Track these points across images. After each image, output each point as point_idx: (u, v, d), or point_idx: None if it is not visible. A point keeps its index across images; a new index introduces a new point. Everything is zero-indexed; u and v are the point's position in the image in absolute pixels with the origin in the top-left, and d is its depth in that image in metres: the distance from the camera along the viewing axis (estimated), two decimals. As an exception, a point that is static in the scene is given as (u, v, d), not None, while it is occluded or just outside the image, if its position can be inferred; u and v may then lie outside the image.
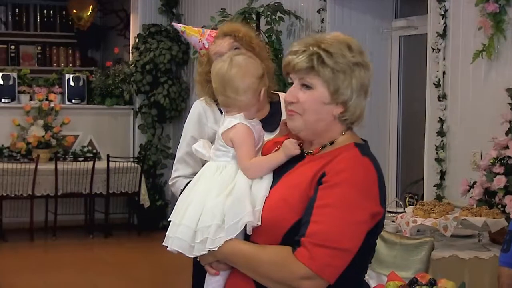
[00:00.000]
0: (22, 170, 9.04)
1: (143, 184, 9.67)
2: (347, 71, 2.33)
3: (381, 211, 2.33)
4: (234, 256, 2.38)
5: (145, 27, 10.18)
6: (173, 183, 3.80)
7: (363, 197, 2.28)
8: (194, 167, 3.68)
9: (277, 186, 2.40)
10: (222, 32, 3.71)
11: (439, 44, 5.58)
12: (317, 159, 2.37)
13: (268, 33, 7.33)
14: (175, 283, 7.47)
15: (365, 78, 2.36)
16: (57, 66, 12.59)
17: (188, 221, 2.43)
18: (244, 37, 3.65)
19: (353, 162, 2.32)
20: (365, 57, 2.38)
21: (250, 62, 2.58)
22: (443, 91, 5.60)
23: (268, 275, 2.32)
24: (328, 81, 2.33)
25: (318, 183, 2.30)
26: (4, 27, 12.77)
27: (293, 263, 2.26)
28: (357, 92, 2.34)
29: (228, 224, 2.36)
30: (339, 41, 2.36)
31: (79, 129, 10.21)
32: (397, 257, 4.45)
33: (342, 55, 2.33)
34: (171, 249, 2.47)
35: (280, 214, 2.33)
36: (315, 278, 2.25)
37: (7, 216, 9.50)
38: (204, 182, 2.52)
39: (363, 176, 2.30)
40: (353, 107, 2.35)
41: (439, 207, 4.62)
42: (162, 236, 2.54)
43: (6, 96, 9.86)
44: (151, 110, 10.06)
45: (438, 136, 5.64)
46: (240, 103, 2.55)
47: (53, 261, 8.50)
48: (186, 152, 3.72)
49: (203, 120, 3.70)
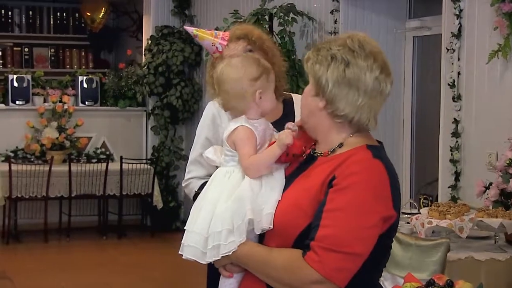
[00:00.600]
0: (36, 172, 9.07)
1: (156, 186, 9.68)
2: (323, 62, 2.35)
3: (394, 214, 2.32)
4: (247, 259, 2.38)
5: (158, 29, 10.19)
6: (186, 184, 3.79)
7: (374, 201, 2.26)
8: (208, 168, 3.68)
9: (290, 189, 2.41)
10: (235, 36, 3.70)
11: (454, 44, 5.56)
12: (328, 161, 2.37)
13: (281, 34, 7.33)
14: (188, 284, 7.47)
15: (349, 73, 2.33)
16: (70, 68, 12.63)
17: (199, 228, 2.45)
18: (257, 41, 3.65)
19: (363, 164, 2.31)
20: (358, 56, 2.35)
21: (245, 64, 2.57)
22: (457, 92, 5.58)
23: (279, 278, 2.32)
24: (310, 72, 2.40)
25: (329, 186, 2.29)
26: (18, 29, 12.81)
27: (303, 268, 2.25)
28: (337, 85, 2.33)
29: (236, 225, 2.36)
30: (341, 38, 2.41)
31: (92, 131, 10.23)
32: (412, 259, 4.44)
33: (328, 49, 2.37)
34: (186, 257, 2.49)
35: (292, 218, 2.33)
36: (325, 282, 2.24)
37: (21, 218, 9.52)
38: (214, 188, 2.53)
39: (374, 179, 2.28)
40: (337, 100, 2.34)
41: (455, 208, 4.60)
42: (175, 237, 2.56)
43: (20, 98, 9.89)
44: (163, 111, 10.08)
45: (452, 137, 5.61)
46: (235, 106, 2.56)
47: (67, 262, 8.52)
48: (200, 154, 3.71)
49: (217, 121, 3.70)
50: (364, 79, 2.34)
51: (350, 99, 2.34)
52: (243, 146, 2.49)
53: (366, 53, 2.36)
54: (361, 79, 2.34)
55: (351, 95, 2.34)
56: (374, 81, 2.35)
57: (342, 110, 2.34)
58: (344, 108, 2.34)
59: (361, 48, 2.36)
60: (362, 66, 2.34)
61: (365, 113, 2.36)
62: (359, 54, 2.35)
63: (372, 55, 2.37)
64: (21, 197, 9.13)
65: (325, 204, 2.27)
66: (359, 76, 2.34)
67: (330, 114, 2.37)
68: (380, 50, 2.41)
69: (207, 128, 3.72)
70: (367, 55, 2.36)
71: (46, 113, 9.79)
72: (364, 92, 2.34)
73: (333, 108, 2.35)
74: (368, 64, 2.35)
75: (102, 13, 12.33)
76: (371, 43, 2.41)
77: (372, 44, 2.41)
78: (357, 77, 2.33)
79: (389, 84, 2.40)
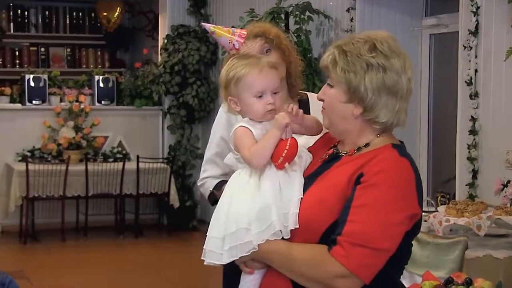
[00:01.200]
0: (53, 171, 9.10)
1: (172, 185, 9.69)
2: (359, 72, 2.32)
3: (419, 212, 2.33)
4: (269, 254, 2.38)
5: (174, 28, 10.20)
6: (202, 184, 3.79)
7: (401, 198, 2.27)
8: (223, 167, 3.68)
9: (313, 187, 2.40)
10: (253, 34, 3.69)
11: (471, 42, 5.54)
12: (354, 159, 2.37)
13: (297, 32, 7.32)
14: (205, 283, 7.48)
15: (387, 79, 2.32)
16: (87, 67, 12.67)
17: (215, 232, 2.46)
18: (275, 39, 3.64)
19: (391, 163, 2.32)
20: (391, 59, 2.34)
21: (226, 69, 2.59)
22: (475, 89, 5.56)
23: (303, 273, 2.32)
24: (341, 80, 2.35)
25: (356, 183, 2.30)
26: (34, 29, 12.86)
27: (328, 262, 2.26)
28: (375, 93, 2.32)
29: (257, 231, 2.36)
30: (366, 40, 2.36)
31: (109, 130, 10.26)
32: (430, 257, 4.43)
33: (359, 55, 2.33)
34: (207, 262, 2.48)
35: (317, 214, 2.33)
36: (351, 277, 2.25)
37: (39, 217, 9.57)
38: (228, 191, 2.53)
39: (401, 177, 2.30)
40: (376, 108, 2.34)
41: (472, 206, 4.58)
42: (192, 236, 2.58)
43: (37, 98, 9.92)
44: (180, 110, 10.09)
45: (470, 134, 5.59)
46: (232, 107, 2.59)
47: (84, 261, 8.55)
48: (215, 153, 3.72)
49: (232, 120, 3.69)
50: (401, 83, 2.35)
51: (390, 106, 2.35)
52: (242, 143, 2.49)
53: (397, 54, 2.36)
54: (399, 83, 2.34)
55: (390, 102, 2.34)
56: (407, 83, 2.37)
57: (383, 117, 2.35)
58: (384, 115, 2.35)
59: (391, 50, 2.36)
60: (398, 70, 2.34)
61: (402, 115, 2.39)
62: (391, 57, 2.34)
63: (402, 56, 2.37)
64: (38, 197, 9.17)
65: (352, 200, 2.28)
66: (397, 81, 2.34)
67: (366, 121, 2.37)
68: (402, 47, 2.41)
69: (222, 127, 3.72)
70: (398, 56, 2.36)
71: (63, 113, 9.83)
72: (401, 96, 2.36)
73: (372, 116, 2.35)
74: (402, 66, 2.36)
75: (117, 13, 12.35)
76: (395, 41, 2.40)
77: (396, 42, 2.40)
78: (395, 82, 2.34)
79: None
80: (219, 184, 3.67)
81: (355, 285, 2.27)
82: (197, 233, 9.50)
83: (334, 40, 7.31)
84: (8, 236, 9.47)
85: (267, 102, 2.51)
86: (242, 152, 2.48)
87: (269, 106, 2.51)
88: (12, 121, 9.79)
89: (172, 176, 9.68)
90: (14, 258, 8.55)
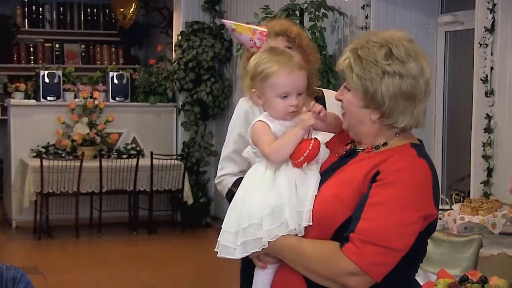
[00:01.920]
0: (67, 168, 9.13)
1: (186, 181, 9.69)
2: (375, 79, 2.31)
3: (435, 213, 2.32)
4: (282, 249, 2.38)
5: (188, 25, 10.21)
6: (219, 181, 3.78)
7: (417, 198, 2.26)
8: (241, 164, 3.68)
9: (329, 182, 2.39)
10: (274, 32, 3.69)
11: (487, 39, 5.51)
12: (371, 156, 2.37)
13: (311, 29, 7.30)
14: (219, 279, 7.49)
15: (404, 85, 2.30)
16: (101, 64, 12.70)
17: (229, 226, 2.46)
18: (296, 38, 3.64)
19: (409, 162, 2.31)
20: (408, 64, 2.32)
21: (255, 61, 2.58)
22: (490, 87, 5.53)
23: (314, 269, 2.32)
24: (357, 87, 2.34)
25: (372, 180, 2.29)
26: (49, 25, 12.89)
27: (340, 259, 2.26)
28: (392, 99, 2.31)
29: (269, 228, 2.36)
30: (382, 45, 2.34)
31: (123, 127, 10.27)
32: (444, 255, 4.42)
33: (374, 62, 2.32)
34: (221, 256, 2.49)
35: (332, 210, 2.32)
36: (361, 274, 2.24)
37: (53, 213, 9.60)
38: (243, 185, 2.54)
39: (418, 177, 2.29)
40: (393, 114, 2.33)
41: (487, 204, 4.57)
42: (206, 233, 2.59)
43: (51, 94, 9.95)
44: (194, 107, 10.09)
45: (485, 132, 5.56)
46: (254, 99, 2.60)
47: (98, 257, 8.57)
48: (233, 150, 3.71)
49: (250, 117, 3.69)
50: (418, 87, 2.33)
51: (408, 111, 2.33)
52: (261, 138, 2.48)
53: (414, 58, 2.33)
54: (417, 88, 2.33)
55: (408, 107, 2.33)
56: (425, 85, 2.35)
57: (401, 122, 2.34)
58: (402, 121, 2.34)
59: (408, 54, 2.33)
60: (415, 74, 2.32)
61: (421, 118, 2.38)
62: (408, 62, 2.32)
63: (419, 58, 2.34)
64: (53, 193, 9.19)
65: (367, 197, 2.27)
66: (414, 86, 2.32)
67: (384, 125, 2.36)
68: (418, 46, 2.38)
69: (240, 125, 3.71)
70: (415, 59, 2.33)
71: (77, 109, 9.85)
72: (419, 100, 2.34)
73: (390, 122, 2.35)
74: (419, 70, 2.33)
75: (132, 9, 12.35)
76: (411, 43, 2.38)
77: (412, 43, 2.38)
78: (412, 87, 2.32)
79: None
80: (238, 182, 3.66)
81: (365, 283, 2.26)
82: (211, 230, 9.51)
83: (349, 38, 7.34)
84: (22, 232, 9.50)
85: (290, 104, 2.51)
86: (261, 146, 2.47)
87: (291, 108, 2.51)
88: (26, 117, 9.82)
89: (186, 172, 9.69)
90: (28, 254, 8.58)
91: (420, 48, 2.39)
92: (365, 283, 2.26)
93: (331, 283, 2.30)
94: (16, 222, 9.73)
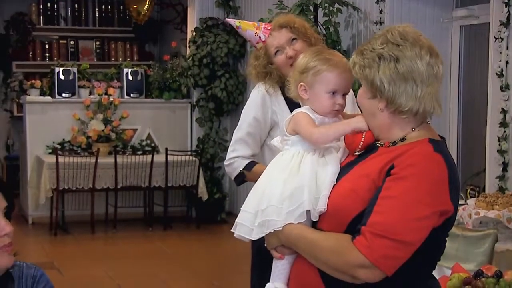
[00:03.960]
0: (83, 164, 9.16)
1: (201, 177, 9.70)
2: (372, 65, 2.35)
3: (451, 209, 2.31)
4: (298, 241, 2.40)
5: (202, 21, 10.21)
6: (230, 163, 3.79)
7: (430, 193, 2.26)
8: (253, 148, 3.73)
9: (348, 175, 2.42)
10: (278, 24, 3.73)
11: (502, 33, 5.49)
12: (389, 151, 2.38)
13: (325, 25, 7.29)
14: (234, 275, 7.49)
15: (401, 68, 2.32)
16: (115, 60, 12.73)
17: (248, 207, 2.52)
18: (300, 28, 3.68)
19: (424, 157, 2.31)
20: (403, 47, 2.34)
21: (308, 57, 2.67)
22: (506, 81, 5.51)
23: (325, 260, 2.34)
24: (361, 78, 2.39)
25: (387, 174, 2.30)
26: (64, 22, 12.94)
27: (351, 251, 2.27)
28: (392, 83, 2.33)
29: (287, 210, 2.41)
30: (380, 35, 2.40)
31: (137, 123, 10.30)
32: (459, 250, 4.41)
33: (372, 49, 2.37)
34: (237, 235, 2.54)
35: (348, 202, 2.34)
36: (371, 267, 2.25)
37: (68, 209, 9.65)
38: (267, 171, 2.60)
39: (432, 173, 2.28)
40: (396, 98, 2.34)
41: (503, 199, 4.56)
42: (221, 229, 2.62)
43: (66, 91, 9.99)
44: (208, 103, 10.10)
45: (500, 127, 5.55)
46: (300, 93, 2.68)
47: (114, 252, 8.61)
48: (247, 133, 3.74)
49: (267, 103, 3.72)
50: (417, 68, 2.33)
51: (410, 92, 2.34)
52: (305, 124, 2.57)
53: (410, 42, 2.35)
54: (414, 69, 2.33)
55: (410, 89, 2.33)
56: (427, 67, 2.35)
57: (405, 105, 2.35)
58: (406, 103, 2.35)
59: (404, 39, 2.36)
60: (411, 56, 2.34)
61: (428, 102, 2.36)
62: (404, 45, 2.35)
63: (416, 42, 2.36)
64: (68, 189, 9.23)
65: (381, 191, 2.29)
66: (412, 67, 2.33)
67: (393, 113, 2.38)
68: (421, 34, 2.40)
69: (256, 108, 3.74)
70: (412, 43, 2.35)
71: (92, 106, 9.88)
72: (421, 82, 2.34)
73: (395, 106, 2.36)
74: (416, 52, 2.34)
75: (146, 6, 12.38)
76: (411, 30, 2.40)
77: (413, 31, 2.40)
78: (410, 69, 2.33)
79: (441, 65, 2.39)
80: (250, 164, 3.69)
81: (375, 276, 2.27)
82: (226, 226, 9.50)
83: (363, 33, 7.33)
84: (38, 228, 9.55)
85: (337, 102, 2.61)
86: (306, 129, 2.55)
87: (337, 106, 2.61)
88: (42, 114, 9.86)
89: (200, 168, 9.70)
90: (45, 250, 8.62)
91: (425, 38, 2.39)
92: (375, 276, 2.27)
93: (342, 275, 2.31)
94: (32, 218, 9.78)
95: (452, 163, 2.35)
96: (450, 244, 4.37)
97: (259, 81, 3.78)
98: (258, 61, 3.77)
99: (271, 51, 3.71)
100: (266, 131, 3.74)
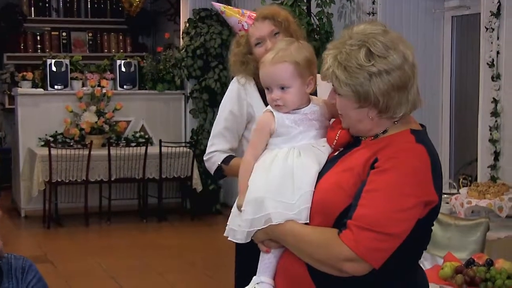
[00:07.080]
0: (76, 156, 9.15)
1: (195, 169, 9.71)
2: (364, 83, 2.30)
3: (435, 199, 2.31)
4: (285, 235, 2.40)
5: (195, 12, 10.20)
6: (209, 158, 3.79)
7: (413, 184, 2.26)
8: (231, 142, 3.73)
9: (332, 170, 2.41)
10: (262, 15, 3.71)
11: (493, 23, 5.49)
12: (372, 144, 2.37)
13: (318, 15, 7.29)
14: (228, 267, 7.49)
15: (394, 80, 2.30)
16: (108, 52, 12.72)
17: (234, 208, 2.52)
18: (283, 22, 3.66)
19: (406, 149, 2.31)
20: (390, 57, 2.30)
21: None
22: (497, 71, 5.52)
23: (313, 255, 2.34)
24: (347, 93, 2.34)
25: (371, 167, 2.30)
26: (56, 14, 12.92)
27: (337, 245, 2.27)
28: (386, 95, 2.31)
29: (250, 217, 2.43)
30: (359, 46, 2.32)
31: (131, 115, 10.29)
32: (451, 239, 4.42)
33: (358, 66, 2.30)
34: (229, 238, 2.55)
35: (334, 197, 2.34)
36: (358, 260, 2.25)
37: (62, 202, 9.64)
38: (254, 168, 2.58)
39: (415, 164, 2.28)
40: (390, 108, 2.33)
41: (494, 188, 4.57)
42: (215, 220, 2.62)
43: (59, 83, 9.97)
44: (202, 94, 10.09)
45: (492, 116, 5.56)
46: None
47: (108, 245, 8.61)
48: (224, 127, 3.75)
49: (242, 95, 3.72)
50: (406, 74, 2.32)
51: (404, 100, 2.34)
52: (252, 135, 2.62)
53: (393, 49, 2.32)
54: (405, 76, 2.32)
55: (403, 97, 2.33)
56: (411, 68, 2.34)
57: (399, 112, 2.35)
58: (400, 111, 2.35)
59: (387, 48, 2.31)
60: (400, 64, 2.31)
61: (416, 99, 2.37)
62: (390, 55, 2.31)
63: (398, 46, 2.33)
64: (61, 181, 9.22)
65: (365, 184, 2.28)
66: (403, 75, 2.32)
67: (384, 118, 2.37)
68: (388, 29, 2.36)
69: (232, 102, 3.75)
70: (395, 50, 2.32)
71: (85, 98, 9.87)
72: (411, 86, 2.34)
73: (389, 115, 2.35)
74: (402, 58, 2.32)
75: (139, -3, 12.35)
76: (386, 33, 2.35)
77: (388, 33, 2.35)
78: (402, 77, 2.32)
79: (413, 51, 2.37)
80: (227, 158, 3.69)
81: (362, 269, 2.27)
82: (220, 217, 9.52)
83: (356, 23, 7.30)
84: (31, 221, 9.55)
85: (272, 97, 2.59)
86: (249, 145, 2.60)
87: (277, 102, 2.58)
88: (34, 106, 9.85)
89: (195, 160, 9.70)
90: (38, 243, 8.62)
91: (395, 34, 2.37)
92: (362, 269, 2.27)
93: (329, 269, 2.31)
94: (25, 211, 9.78)
95: (434, 152, 2.35)
96: (442, 233, 4.40)
97: (236, 69, 3.77)
98: (238, 48, 3.77)
99: (252, 41, 3.70)
100: (243, 124, 3.74)
